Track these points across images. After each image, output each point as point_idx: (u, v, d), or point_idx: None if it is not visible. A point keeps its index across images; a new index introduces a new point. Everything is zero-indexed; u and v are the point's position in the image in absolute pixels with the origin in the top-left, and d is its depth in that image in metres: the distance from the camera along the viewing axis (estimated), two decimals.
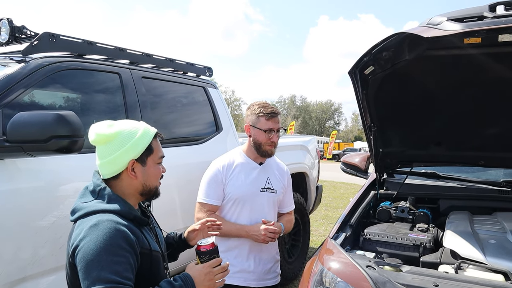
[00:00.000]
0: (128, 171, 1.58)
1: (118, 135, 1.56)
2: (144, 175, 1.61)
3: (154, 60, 3.38)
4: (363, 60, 2.38)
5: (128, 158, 1.56)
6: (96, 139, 1.57)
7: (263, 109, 2.45)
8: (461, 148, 2.95)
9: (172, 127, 3.42)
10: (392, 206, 2.93)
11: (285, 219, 2.66)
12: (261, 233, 2.37)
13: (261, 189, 2.50)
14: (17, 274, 2.09)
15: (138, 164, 1.59)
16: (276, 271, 2.65)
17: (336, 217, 2.36)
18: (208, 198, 2.45)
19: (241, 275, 2.45)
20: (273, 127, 2.43)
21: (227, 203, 2.47)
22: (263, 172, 2.55)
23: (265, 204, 2.51)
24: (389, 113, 2.81)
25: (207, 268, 1.60)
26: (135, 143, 1.57)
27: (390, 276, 1.75)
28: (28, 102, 2.38)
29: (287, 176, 2.70)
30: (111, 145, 1.56)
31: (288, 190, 2.71)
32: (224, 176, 2.47)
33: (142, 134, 1.60)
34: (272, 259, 2.60)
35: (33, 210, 2.18)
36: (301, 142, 5.18)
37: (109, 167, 1.58)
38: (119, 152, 1.55)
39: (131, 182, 1.60)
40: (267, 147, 2.46)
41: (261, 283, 2.52)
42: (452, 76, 2.44)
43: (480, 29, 1.94)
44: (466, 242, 2.13)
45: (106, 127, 1.58)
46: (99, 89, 2.88)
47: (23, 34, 2.67)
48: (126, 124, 1.62)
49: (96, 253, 1.35)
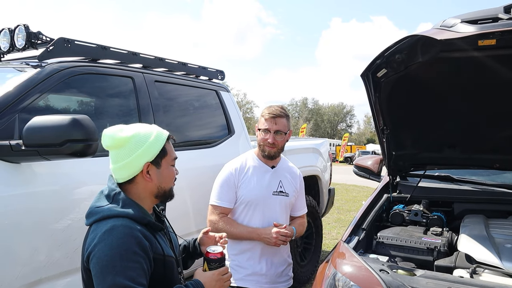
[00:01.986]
0: (143, 174, 1.59)
1: (132, 138, 1.57)
2: (159, 177, 1.62)
3: (167, 64, 3.41)
4: (375, 62, 2.37)
5: (143, 161, 1.58)
6: (110, 143, 1.57)
7: (266, 110, 2.48)
8: (475, 150, 2.91)
9: (184, 131, 3.44)
10: (405, 209, 2.90)
11: (297, 222, 2.66)
12: (273, 236, 2.37)
13: (273, 192, 2.51)
14: (33, 276, 2.12)
15: (153, 166, 1.60)
16: (288, 274, 2.64)
17: (349, 220, 2.35)
18: (220, 201, 2.46)
19: (253, 278, 2.46)
20: (270, 127, 2.42)
21: (239, 206, 2.48)
22: (276, 175, 2.55)
23: (277, 207, 2.51)
24: (402, 116, 2.79)
25: (217, 276, 1.63)
26: (149, 146, 1.58)
27: (404, 280, 1.73)
28: (43, 106, 2.42)
29: (300, 180, 2.70)
30: (125, 149, 1.57)
31: (300, 194, 2.70)
32: (236, 179, 2.48)
33: (156, 137, 1.61)
34: (284, 262, 2.60)
35: (48, 213, 2.21)
36: (313, 145, 5.17)
37: (124, 171, 1.59)
38: (134, 155, 1.56)
39: (146, 185, 1.61)
40: (266, 147, 2.46)
41: (273, 286, 2.52)
42: (466, 78, 2.41)
43: (495, 31, 1.92)
44: (482, 246, 2.10)
45: (119, 132, 1.58)
46: (113, 93, 2.92)
47: (39, 39, 2.72)
48: (139, 128, 1.63)
49: (110, 258, 1.37)
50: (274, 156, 2.51)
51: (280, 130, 2.44)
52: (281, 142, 2.47)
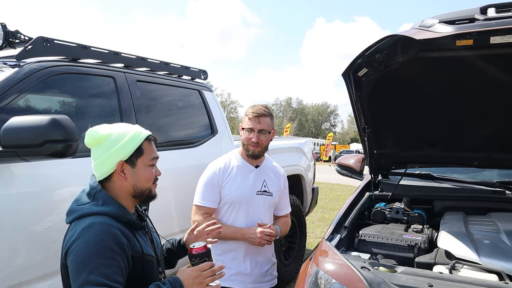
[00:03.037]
0: (117, 172, 1.60)
1: (108, 137, 1.60)
2: (134, 176, 1.63)
3: (149, 63, 3.38)
4: (356, 62, 2.39)
5: (116, 160, 1.59)
6: (89, 141, 1.61)
7: (250, 109, 2.48)
8: (455, 149, 2.96)
9: (167, 130, 3.42)
10: (387, 207, 2.94)
11: (281, 221, 2.67)
12: (257, 236, 2.38)
13: (257, 192, 2.51)
14: (12, 280, 2.08)
15: (127, 165, 1.61)
16: (272, 274, 2.65)
17: (333, 219, 2.37)
18: (204, 201, 2.46)
19: (238, 277, 2.46)
20: (254, 126, 2.43)
21: (224, 206, 2.48)
22: (260, 175, 2.55)
23: (261, 207, 2.51)
24: (383, 115, 2.82)
25: (196, 272, 1.60)
26: (124, 144, 1.60)
27: (385, 277, 1.75)
28: (22, 106, 2.38)
29: (284, 179, 2.71)
30: (101, 146, 1.60)
31: (284, 193, 2.71)
32: (220, 179, 2.48)
33: (132, 136, 1.63)
34: (268, 262, 2.61)
35: (27, 215, 2.17)
36: (296, 144, 5.19)
37: (100, 168, 1.61)
38: (108, 153, 1.58)
39: (121, 184, 1.62)
40: (250, 147, 2.47)
41: (257, 285, 2.52)
42: (445, 77, 2.45)
43: (471, 31, 1.96)
44: (460, 243, 2.14)
45: (98, 130, 1.62)
46: (94, 93, 2.88)
47: (17, 38, 2.67)
48: (117, 127, 1.66)
49: (86, 255, 1.37)
50: (259, 155, 2.51)
51: (264, 129, 2.44)
52: (265, 141, 2.48)
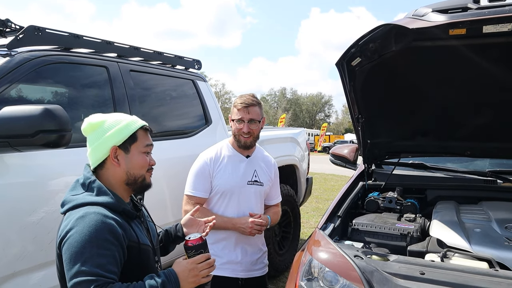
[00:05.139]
0: (111, 157, 1.60)
1: (103, 123, 1.62)
2: (128, 163, 1.63)
3: (142, 53, 3.35)
4: (350, 51, 2.38)
5: (110, 144, 1.60)
6: (85, 127, 1.63)
7: (238, 99, 2.47)
8: (447, 138, 2.98)
9: (161, 121, 3.41)
10: (380, 196, 2.96)
11: (271, 211, 2.68)
12: (248, 225, 2.39)
13: (248, 181, 2.52)
14: (6, 270, 2.08)
15: (121, 151, 1.61)
16: (263, 262, 2.66)
17: (327, 209, 2.39)
18: (195, 191, 2.46)
19: (229, 266, 2.47)
20: (243, 116, 2.42)
21: (215, 196, 2.48)
22: (250, 164, 2.56)
23: (252, 197, 2.52)
24: (376, 104, 2.83)
25: (191, 264, 1.60)
26: (118, 130, 1.61)
27: (378, 265, 1.77)
28: (14, 96, 2.36)
29: (274, 169, 2.71)
30: (96, 132, 1.61)
31: (275, 183, 2.72)
32: (211, 168, 2.48)
33: (127, 123, 1.64)
34: (259, 251, 2.62)
35: (21, 205, 2.17)
36: (290, 134, 5.20)
37: (94, 154, 1.62)
38: (102, 138, 1.59)
39: (115, 170, 1.62)
40: (241, 137, 2.47)
41: (248, 273, 2.54)
42: (438, 67, 2.46)
43: (464, 20, 1.96)
44: (452, 231, 2.16)
45: (95, 117, 1.63)
46: (87, 83, 2.86)
47: (7, 27, 2.64)
48: (113, 115, 1.67)
49: (80, 245, 1.37)
50: (250, 145, 2.52)
51: (254, 118, 2.44)
52: (256, 130, 2.48)
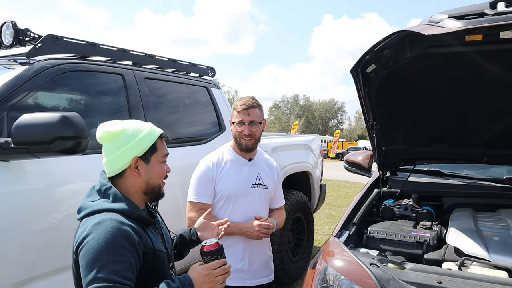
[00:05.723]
0: (131, 168, 1.59)
1: (123, 132, 1.59)
2: (148, 173, 1.62)
3: (157, 61, 3.39)
4: (364, 58, 2.38)
5: (131, 155, 1.58)
6: (102, 136, 1.59)
7: (238, 102, 2.44)
8: (464, 145, 2.95)
9: (175, 127, 3.43)
10: (395, 204, 2.93)
11: (276, 214, 2.64)
12: (255, 229, 2.34)
13: (252, 185, 2.48)
14: (24, 275, 2.11)
15: (141, 162, 1.60)
16: (270, 268, 2.62)
17: (340, 216, 2.37)
18: (198, 197, 2.43)
19: (236, 275, 2.41)
20: (243, 119, 2.40)
21: (219, 201, 2.45)
22: (253, 168, 2.53)
23: (257, 200, 2.49)
24: (391, 111, 2.81)
25: (206, 270, 1.59)
26: (139, 141, 1.59)
27: (394, 274, 1.75)
28: (32, 104, 2.40)
29: (277, 172, 2.69)
30: (116, 142, 1.58)
31: (278, 186, 2.69)
32: (214, 173, 2.45)
33: (147, 133, 1.62)
34: (265, 256, 2.58)
35: (38, 211, 2.20)
36: (304, 141, 5.19)
37: (113, 164, 1.60)
38: (123, 149, 1.57)
39: (134, 180, 1.61)
40: (242, 140, 2.43)
41: (256, 281, 2.49)
42: (454, 73, 2.44)
43: (481, 26, 1.94)
44: (470, 239, 2.13)
45: (112, 125, 1.60)
46: (103, 90, 2.90)
47: (27, 36, 2.69)
48: (132, 123, 1.65)
49: (97, 251, 1.37)
50: (252, 148, 2.49)
51: (255, 120, 2.42)
52: (257, 132, 2.45)
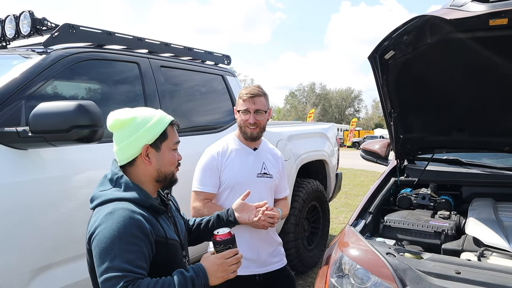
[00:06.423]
0: (142, 156, 1.60)
1: (133, 120, 1.59)
2: (159, 160, 1.62)
3: (173, 49, 3.38)
4: (383, 44, 2.33)
5: (142, 143, 1.58)
6: (113, 124, 1.60)
7: (243, 90, 2.42)
8: (484, 133, 2.88)
9: (190, 116, 3.43)
10: (413, 193, 2.89)
11: (281, 204, 2.62)
12: (261, 218, 2.28)
13: (257, 174, 2.46)
14: (42, 261, 2.15)
15: (152, 149, 1.61)
16: (280, 253, 2.59)
17: (356, 205, 2.36)
18: (203, 186, 2.41)
19: (245, 263, 2.40)
20: (249, 107, 2.37)
21: (224, 191, 2.43)
22: (258, 157, 2.51)
23: (262, 190, 2.46)
24: (410, 99, 2.76)
25: (219, 259, 1.59)
26: (149, 128, 1.59)
27: (411, 264, 1.73)
28: (49, 93, 2.42)
29: (282, 161, 2.66)
30: (126, 130, 1.58)
31: (282, 175, 2.66)
32: (219, 163, 2.43)
33: (157, 121, 1.62)
34: (273, 242, 2.55)
35: (56, 199, 2.23)
36: (320, 129, 5.15)
37: (124, 152, 1.60)
38: (133, 136, 1.57)
39: (146, 168, 1.61)
40: (247, 128, 2.41)
41: (266, 268, 2.47)
42: (476, 59, 2.37)
43: (507, 9, 1.87)
44: (490, 229, 2.09)
45: (122, 113, 1.61)
46: (118, 78, 2.91)
47: (44, 26, 2.71)
48: (142, 111, 1.65)
49: (109, 241, 1.38)
50: (257, 137, 2.47)
51: (260, 109, 2.39)
52: (262, 121, 2.42)
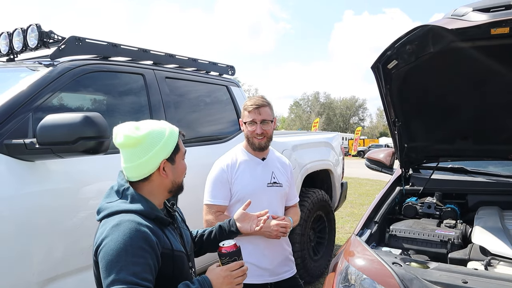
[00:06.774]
0: (160, 171, 1.58)
1: (147, 137, 1.55)
2: (174, 173, 1.62)
3: (177, 60, 3.42)
4: (386, 54, 2.34)
5: (160, 159, 1.57)
6: (125, 142, 1.54)
7: (248, 102, 2.44)
8: (489, 141, 2.87)
9: (195, 126, 3.45)
10: (418, 202, 2.88)
11: (291, 212, 2.63)
12: (274, 229, 2.34)
13: (267, 184, 2.48)
14: (49, 273, 2.16)
15: (168, 163, 1.60)
16: (290, 261, 2.59)
17: (362, 214, 2.35)
18: (214, 199, 2.43)
19: (258, 272, 2.41)
20: (255, 118, 2.40)
21: (236, 203, 2.43)
22: (267, 167, 2.53)
23: (273, 199, 2.48)
24: (413, 108, 2.76)
25: (225, 272, 1.58)
26: (165, 143, 1.57)
27: (417, 273, 1.72)
28: (56, 105, 2.45)
29: (290, 169, 2.68)
30: (141, 147, 1.54)
31: (292, 183, 2.68)
32: (229, 175, 2.45)
33: (169, 134, 1.60)
34: (284, 251, 2.56)
35: (63, 210, 2.24)
36: (325, 139, 5.16)
37: (140, 170, 1.57)
38: (151, 153, 1.54)
39: (162, 182, 1.61)
40: (254, 139, 2.44)
41: (277, 277, 2.49)
42: (478, 68, 2.38)
43: (507, 18, 1.89)
44: (496, 238, 2.08)
45: (134, 130, 1.55)
46: (124, 90, 2.94)
47: (50, 38, 2.75)
48: (151, 125, 1.60)
49: (115, 253, 1.37)
50: (265, 147, 2.49)
51: (266, 119, 2.42)
52: (269, 131, 2.45)
